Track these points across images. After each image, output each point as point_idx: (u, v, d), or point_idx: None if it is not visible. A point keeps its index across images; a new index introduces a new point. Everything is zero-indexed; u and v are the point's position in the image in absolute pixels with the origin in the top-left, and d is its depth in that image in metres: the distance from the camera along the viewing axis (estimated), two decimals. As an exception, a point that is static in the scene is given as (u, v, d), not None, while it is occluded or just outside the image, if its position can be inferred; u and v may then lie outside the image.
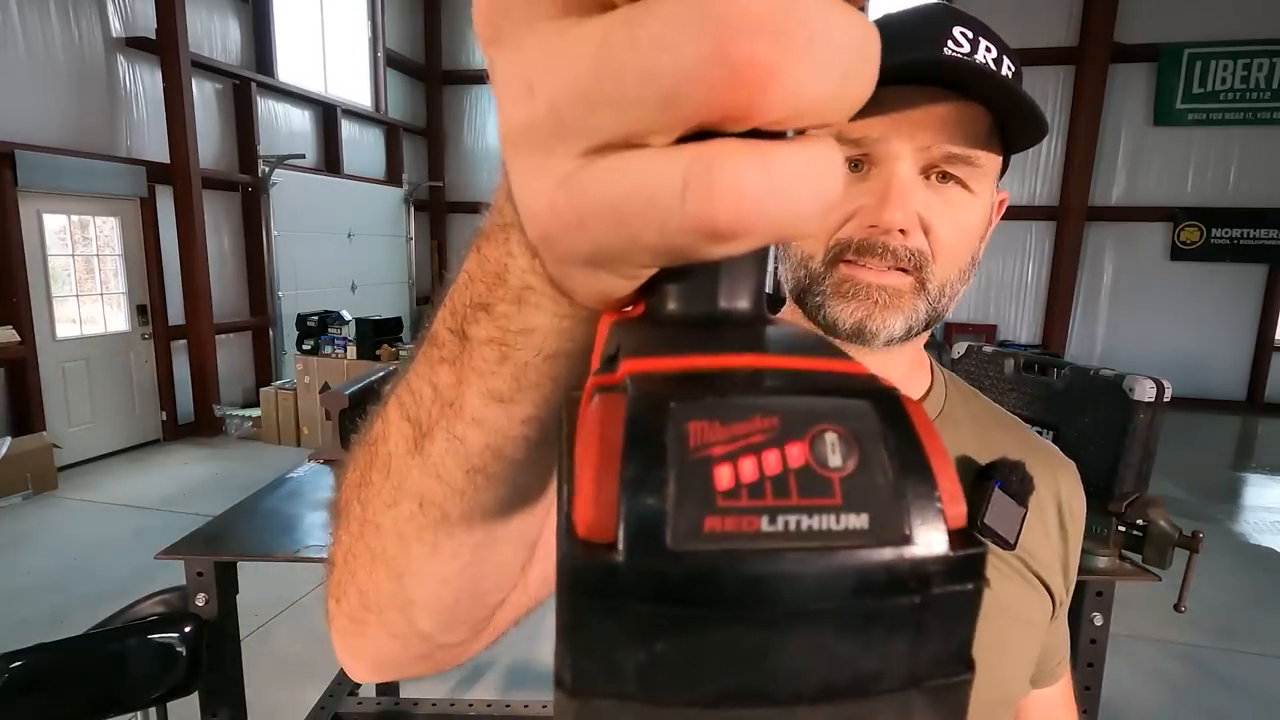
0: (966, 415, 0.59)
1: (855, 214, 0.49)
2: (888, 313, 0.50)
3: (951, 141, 0.48)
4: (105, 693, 1.13)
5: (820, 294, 0.51)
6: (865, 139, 0.48)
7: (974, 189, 0.50)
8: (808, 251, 0.51)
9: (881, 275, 0.49)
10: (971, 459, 0.55)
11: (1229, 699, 2.60)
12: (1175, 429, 6.43)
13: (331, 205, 7.24)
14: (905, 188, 0.48)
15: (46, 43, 4.72)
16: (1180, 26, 7.21)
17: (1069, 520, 0.58)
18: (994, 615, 0.49)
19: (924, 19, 0.49)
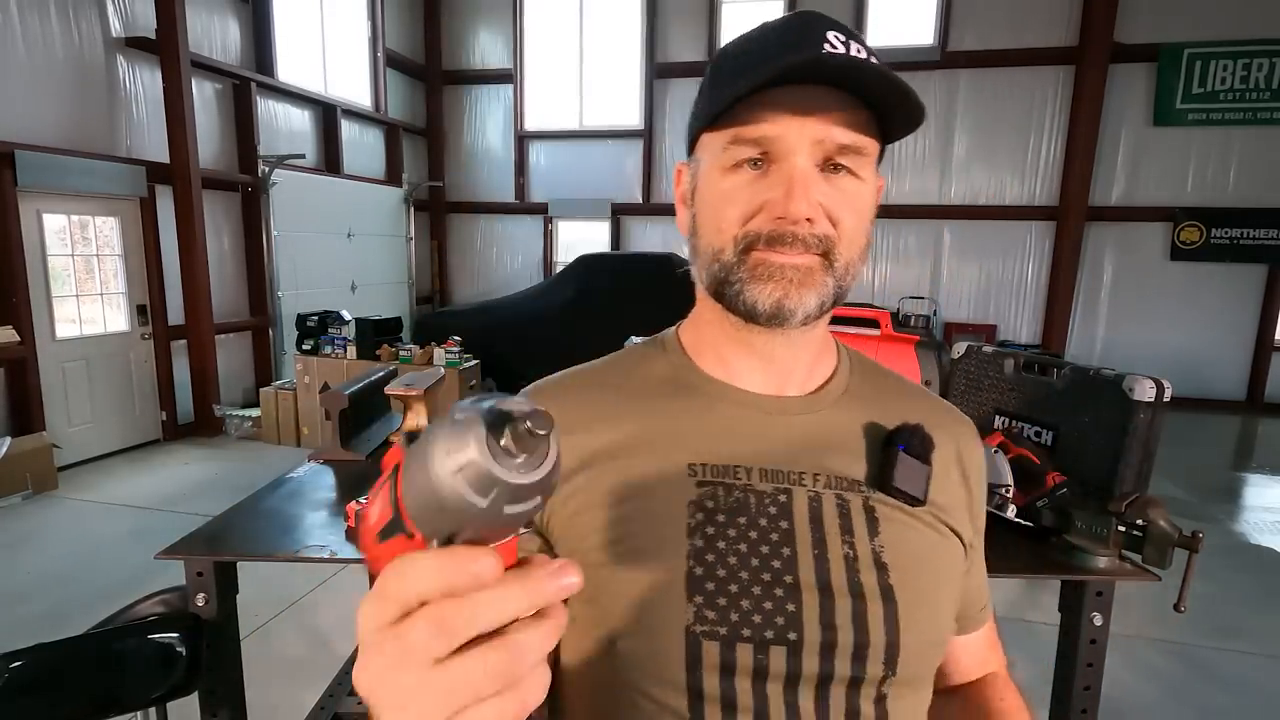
0: (872, 390, 0.64)
1: (762, 208, 0.53)
2: (803, 290, 0.54)
3: (842, 134, 0.52)
4: (105, 693, 1.13)
5: (737, 281, 0.54)
6: (764, 138, 0.52)
7: (862, 175, 0.55)
8: (718, 246, 0.55)
9: (794, 257, 0.53)
10: (879, 425, 0.60)
11: (1228, 698, 2.60)
12: (1175, 429, 6.43)
13: (331, 205, 7.24)
14: (807, 180, 0.52)
15: (46, 43, 4.72)
16: (1180, 26, 7.20)
17: (970, 470, 0.63)
18: (918, 567, 0.55)
19: (800, 24, 0.53)
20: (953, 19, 7.72)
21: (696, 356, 0.62)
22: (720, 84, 0.54)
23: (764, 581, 0.52)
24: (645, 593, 0.52)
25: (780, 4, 8.09)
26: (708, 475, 0.55)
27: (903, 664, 0.53)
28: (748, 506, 0.54)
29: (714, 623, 0.51)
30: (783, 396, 0.60)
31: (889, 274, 8.35)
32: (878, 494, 0.57)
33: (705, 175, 0.57)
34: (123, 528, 3.92)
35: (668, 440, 0.57)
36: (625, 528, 0.54)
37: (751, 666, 0.51)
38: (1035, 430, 1.36)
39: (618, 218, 8.89)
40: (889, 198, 8.22)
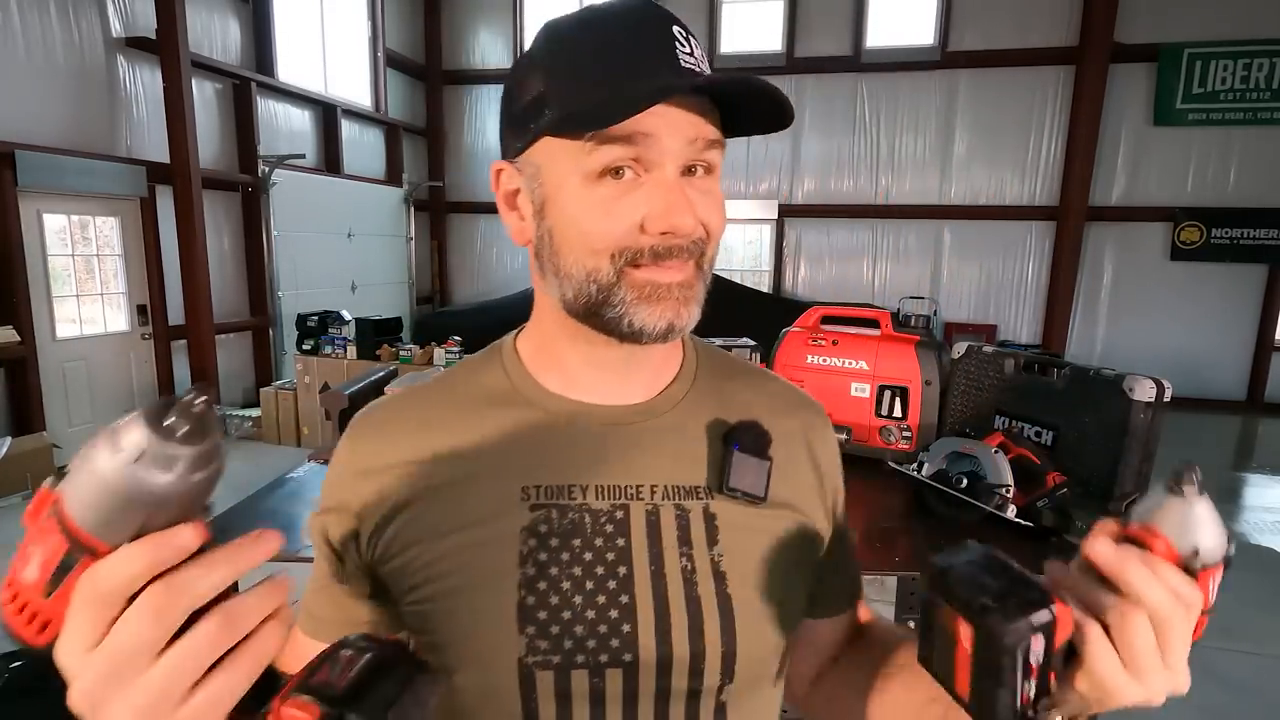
0: (717, 383, 0.62)
1: (644, 222, 0.49)
2: (690, 306, 0.52)
3: (707, 141, 0.50)
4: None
5: (620, 304, 0.50)
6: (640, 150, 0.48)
7: (716, 171, 0.53)
8: (591, 266, 0.50)
9: (676, 273, 0.51)
10: (722, 422, 0.58)
11: (1228, 698, 2.60)
12: (1175, 429, 6.39)
13: (331, 205, 7.24)
14: (683, 191, 0.50)
15: (46, 43, 4.72)
16: (1180, 26, 7.21)
17: (820, 456, 0.62)
18: (758, 570, 0.55)
19: (641, 23, 0.49)
20: (953, 19, 7.72)
21: (535, 370, 0.58)
22: (574, 85, 0.49)
23: (599, 605, 0.51)
24: (477, 627, 0.51)
25: (780, 4, 8.10)
26: (541, 498, 0.53)
27: (740, 671, 0.53)
28: (583, 528, 0.53)
29: (547, 652, 0.50)
30: (624, 406, 0.57)
31: (889, 274, 8.35)
32: (719, 497, 0.56)
33: (562, 184, 0.50)
34: (123, 528, 3.92)
35: (500, 464, 0.54)
36: (456, 560, 0.52)
37: (588, 691, 0.51)
38: (1035, 430, 1.36)
39: (618, 218, 8.89)
40: (889, 198, 8.22)
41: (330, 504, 0.57)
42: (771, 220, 8.52)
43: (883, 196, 8.24)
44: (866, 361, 1.63)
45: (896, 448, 1.59)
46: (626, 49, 0.49)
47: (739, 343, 1.79)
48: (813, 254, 8.55)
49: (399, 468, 0.55)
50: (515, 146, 0.53)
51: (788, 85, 8.22)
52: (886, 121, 8.09)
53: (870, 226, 8.30)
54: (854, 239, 8.36)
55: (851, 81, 8.06)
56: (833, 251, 8.46)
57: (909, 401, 1.58)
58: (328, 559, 0.57)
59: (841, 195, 8.31)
